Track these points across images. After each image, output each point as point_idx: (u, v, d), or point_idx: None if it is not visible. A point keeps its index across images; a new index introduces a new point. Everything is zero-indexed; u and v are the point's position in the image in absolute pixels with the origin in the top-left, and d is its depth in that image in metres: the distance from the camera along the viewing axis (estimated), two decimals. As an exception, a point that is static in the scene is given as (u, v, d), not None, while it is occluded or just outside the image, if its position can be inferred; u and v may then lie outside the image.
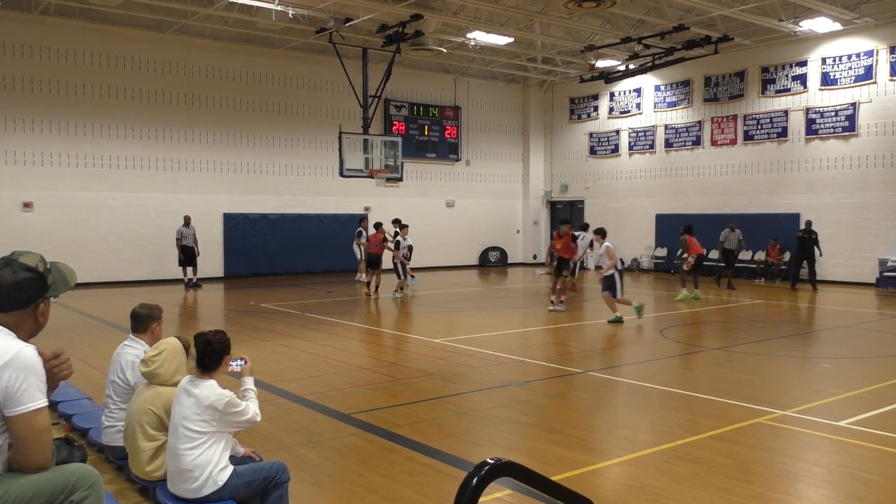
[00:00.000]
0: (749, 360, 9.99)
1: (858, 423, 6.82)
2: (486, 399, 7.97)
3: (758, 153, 22.41)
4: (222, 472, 4.10)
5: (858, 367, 9.96)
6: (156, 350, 4.62)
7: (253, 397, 4.42)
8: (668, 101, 24.77)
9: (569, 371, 9.30)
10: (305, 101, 23.68)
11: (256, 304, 16.12)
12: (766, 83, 22.10)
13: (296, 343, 11.56)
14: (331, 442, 6.42)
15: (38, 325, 2.93)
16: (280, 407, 7.49)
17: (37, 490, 2.74)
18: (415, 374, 9.22)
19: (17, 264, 2.85)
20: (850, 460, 5.89)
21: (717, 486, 5.22)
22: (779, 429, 6.70)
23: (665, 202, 24.89)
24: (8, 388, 2.66)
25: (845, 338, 12.50)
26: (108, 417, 5.18)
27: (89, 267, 19.31)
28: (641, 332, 12.61)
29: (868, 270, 19.78)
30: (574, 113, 28.18)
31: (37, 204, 19.38)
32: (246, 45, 22.27)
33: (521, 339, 12.35)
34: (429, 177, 26.54)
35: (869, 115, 19.95)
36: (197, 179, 21.79)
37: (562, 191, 28.77)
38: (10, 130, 18.99)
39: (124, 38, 20.38)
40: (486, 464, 2.23)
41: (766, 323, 13.79)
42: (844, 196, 20.45)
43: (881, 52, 19.61)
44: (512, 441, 6.57)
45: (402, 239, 17.79)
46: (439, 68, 26.15)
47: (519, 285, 22.24)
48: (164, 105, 21.16)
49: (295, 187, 23.57)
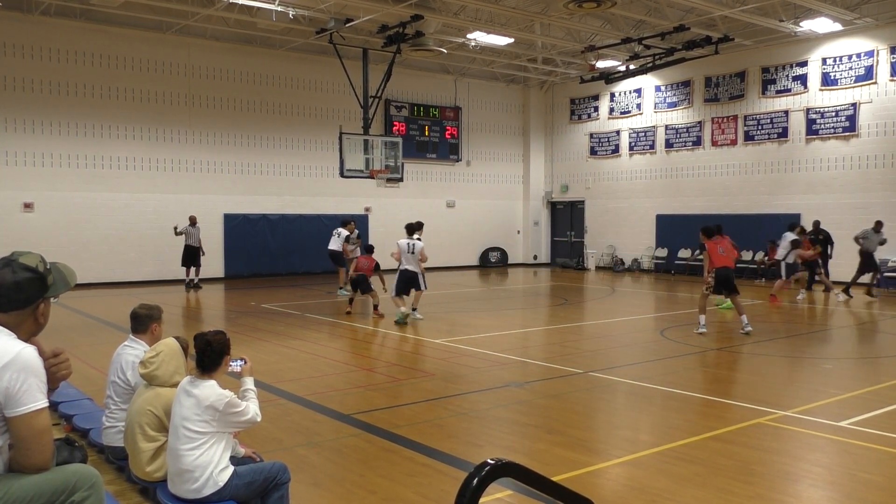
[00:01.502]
0: (750, 361, 9.99)
1: (859, 424, 6.81)
2: (487, 400, 7.96)
3: (758, 153, 22.40)
4: (223, 473, 4.10)
5: (859, 367, 9.96)
6: (153, 352, 4.62)
7: (253, 397, 4.42)
8: (669, 101, 24.77)
9: (569, 371, 9.30)
10: (306, 102, 23.69)
11: (257, 305, 16.12)
12: (766, 83, 22.10)
13: (296, 343, 11.56)
14: (331, 442, 6.42)
15: (39, 326, 2.93)
16: (280, 407, 7.49)
17: (37, 491, 2.74)
18: (415, 375, 9.22)
19: (17, 264, 2.85)
20: (851, 461, 5.88)
21: (718, 487, 5.22)
22: (779, 429, 6.70)
23: (665, 203, 24.89)
24: (8, 389, 2.67)
25: (846, 338, 12.49)
26: (108, 418, 5.18)
27: (90, 267, 19.33)
28: (642, 332, 12.60)
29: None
30: (574, 113, 28.18)
31: (37, 204, 19.38)
32: (246, 46, 22.28)
33: (522, 339, 12.35)
34: (429, 177, 26.55)
35: (869, 115, 19.94)
36: (197, 180, 21.80)
37: (562, 191, 28.77)
38: (11, 131, 18.99)
39: (125, 38, 20.39)
40: (487, 464, 2.23)
41: (768, 323, 13.78)
42: (845, 196, 20.44)
43: (881, 52, 19.61)
44: (512, 442, 6.57)
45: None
46: (440, 69, 26.16)
47: (519, 286, 22.24)
48: (164, 105, 21.16)
49: (295, 188, 23.58)
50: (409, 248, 13.37)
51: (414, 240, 13.49)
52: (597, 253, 26.94)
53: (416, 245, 13.37)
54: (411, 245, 13.38)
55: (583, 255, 27.39)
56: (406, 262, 13.36)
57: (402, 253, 13.35)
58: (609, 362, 10.29)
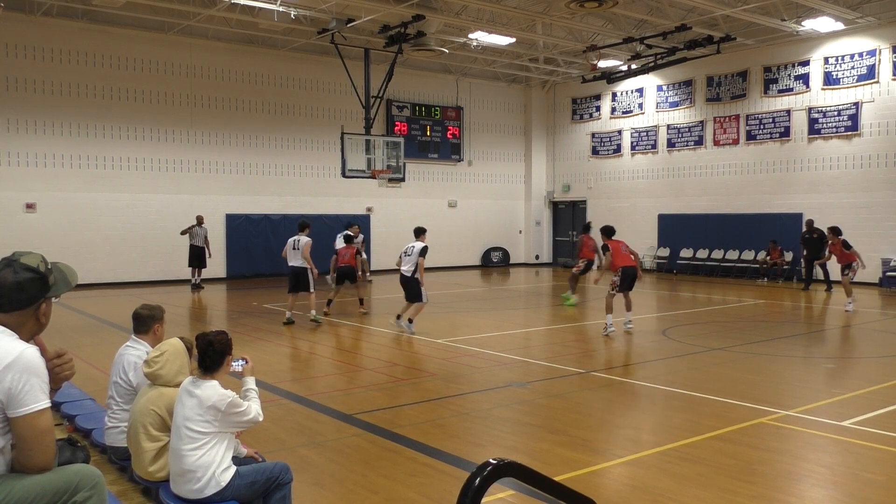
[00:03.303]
0: (752, 361, 9.98)
1: (861, 424, 6.80)
2: (489, 399, 7.96)
3: (760, 153, 22.38)
4: (225, 473, 4.10)
5: (861, 367, 9.95)
6: (158, 351, 4.63)
7: (255, 397, 4.42)
8: (671, 101, 24.75)
9: (571, 371, 9.29)
10: (307, 102, 23.70)
11: (259, 305, 16.12)
12: (768, 83, 22.07)
13: (298, 344, 11.57)
14: (333, 443, 6.42)
15: (40, 326, 2.94)
16: (282, 407, 7.49)
17: (39, 491, 2.74)
18: (417, 375, 9.22)
19: (19, 265, 2.85)
20: (853, 460, 5.87)
21: (720, 487, 5.21)
22: (782, 429, 6.69)
23: (667, 202, 24.87)
24: (11, 390, 2.67)
25: (848, 338, 12.48)
26: (110, 418, 5.19)
27: (92, 268, 19.36)
28: (644, 332, 12.59)
29: (871, 270, 19.68)
30: (576, 113, 28.16)
31: (39, 205, 19.40)
32: (248, 46, 22.29)
33: (524, 339, 12.34)
34: (431, 177, 26.55)
35: (872, 114, 19.91)
36: (199, 180, 21.81)
37: (564, 191, 28.76)
38: (13, 131, 19.02)
39: (127, 39, 20.40)
40: (489, 464, 2.23)
41: (769, 323, 13.77)
42: (847, 196, 20.41)
43: (884, 51, 19.58)
44: (514, 441, 6.56)
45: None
46: (441, 69, 26.15)
47: (521, 286, 22.23)
48: (166, 106, 21.18)
49: (297, 188, 23.59)
50: (406, 251, 12.61)
51: (416, 243, 12.65)
52: (599, 253, 26.88)
53: (414, 247, 12.54)
54: (410, 248, 12.61)
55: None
56: (403, 263, 12.62)
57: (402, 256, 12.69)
58: (611, 362, 10.28)
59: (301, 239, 13.28)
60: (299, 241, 13.29)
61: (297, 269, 13.31)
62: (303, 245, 13.18)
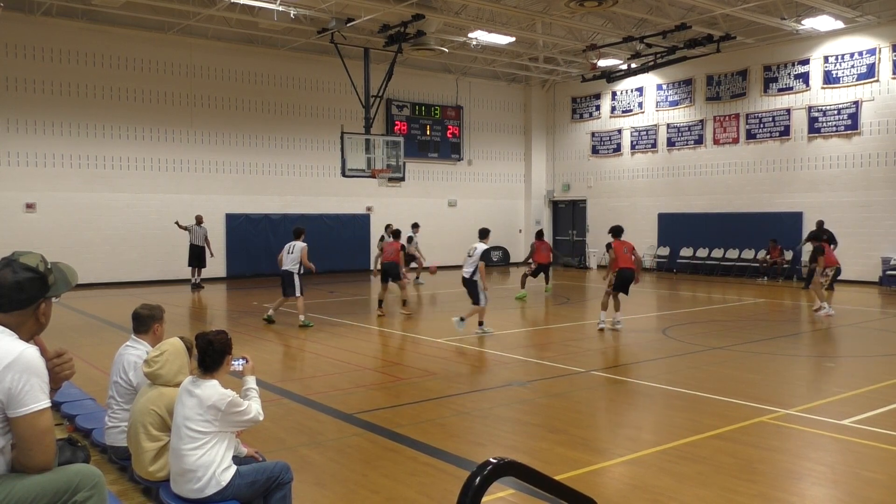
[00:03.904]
0: (752, 359, 9.97)
1: (862, 422, 6.80)
2: (489, 399, 7.96)
3: (760, 152, 22.37)
4: (225, 473, 4.10)
5: (862, 365, 9.94)
6: (158, 351, 4.62)
7: (255, 397, 4.42)
8: (671, 100, 24.74)
9: (571, 370, 9.29)
10: (307, 102, 23.69)
11: (259, 305, 16.12)
12: (768, 82, 22.07)
13: (298, 343, 11.57)
14: (334, 442, 6.42)
15: (40, 326, 2.93)
16: (282, 407, 7.49)
17: (40, 491, 2.74)
18: (417, 374, 9.21)
19: (18, 264, 2.85)
20: (854, 459, 5.87)
21: (721, 486, 5.21)
22: (782, 428, 6.69)
23: (667, 201, 24.87)
24: (11, 390, 2.67)
25: (849, 337, 12.47)
26: (111, 418, 5.19)
27: (91, 268, 19.36)
28: (644, 331, 12.59)
29: (871, 269, 19.73)
30: (576, 112, 28.16)
31: (39, 205, 19.40)
32: (248, 46, 22.28)
33: (524, 338, 12.35)
34: (431, 177, 26.55)
35: (871, 113, 19.91)
36: (199, 180, 21.81)
37: (564, 190, 28.76)
38: (13, 131, 19.02)
39: (126, 39, 20.40)
40: (489, 463, 2.23)
41: (769, 322, 13.76)
42: (847, 195, 20.41)
43: (884, 50, 19.57)
44: (514, 441, 6.56)
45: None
46: (441, 68, 26.15)
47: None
48: (166, 106, 21.18)
49: (297, 187, 23.58)
50: (469, 252, 12.44)
51: (479, 245, 12.50)
52: (598, 252, 26.88)
53: (477, 249, 12.42)
54: (472, 249, 12.47)
55: (584, 254, 27.40)
56: (465, 265, 12.44)
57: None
58: (611, 361, 10.29)
59: (296, 244, 13.44)
60: (294, 246, 13.46)
61: (284, 273, 13.58)
62: (298, 250, 13.38)
